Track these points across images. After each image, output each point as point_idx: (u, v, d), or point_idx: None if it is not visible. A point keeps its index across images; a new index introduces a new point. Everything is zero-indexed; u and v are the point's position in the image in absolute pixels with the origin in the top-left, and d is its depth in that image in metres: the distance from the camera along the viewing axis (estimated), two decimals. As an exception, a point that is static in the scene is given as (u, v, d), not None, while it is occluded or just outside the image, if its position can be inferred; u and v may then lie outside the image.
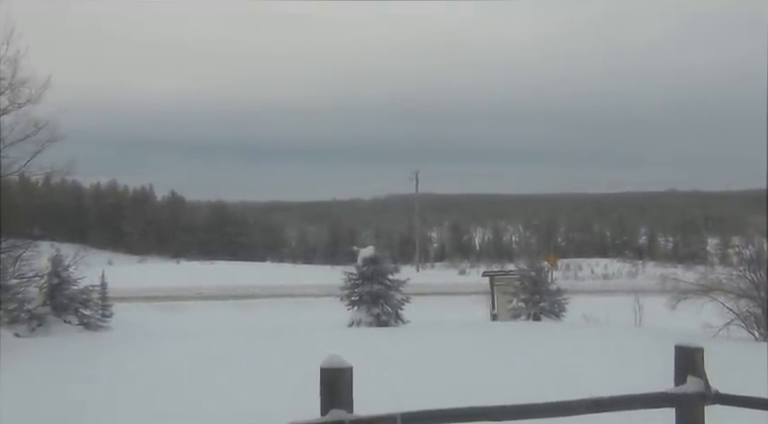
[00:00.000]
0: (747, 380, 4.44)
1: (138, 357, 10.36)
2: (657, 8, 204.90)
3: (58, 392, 7.83)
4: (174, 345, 11.92)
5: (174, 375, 8.92)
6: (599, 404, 3.22)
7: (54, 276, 16.23)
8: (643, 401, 3.30)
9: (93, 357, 10.71)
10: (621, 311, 17.90)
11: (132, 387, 8.13)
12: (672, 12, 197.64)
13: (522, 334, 13.97)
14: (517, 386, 6.07)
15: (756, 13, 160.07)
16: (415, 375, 8.40)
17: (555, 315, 17.38)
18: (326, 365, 2.87)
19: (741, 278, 14.89)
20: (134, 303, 21.87)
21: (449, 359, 9.88)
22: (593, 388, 3.50)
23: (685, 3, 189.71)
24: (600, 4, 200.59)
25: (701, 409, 3.30)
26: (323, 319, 16.97)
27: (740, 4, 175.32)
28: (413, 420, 2.87)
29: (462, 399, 3.19)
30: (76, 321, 16.36)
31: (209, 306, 24.31)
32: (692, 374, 3.31)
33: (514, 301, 17.84)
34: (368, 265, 16.25)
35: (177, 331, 15.19)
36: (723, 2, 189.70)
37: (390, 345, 12.06)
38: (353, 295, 16.32)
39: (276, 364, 9.48)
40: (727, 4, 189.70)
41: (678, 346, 3.41)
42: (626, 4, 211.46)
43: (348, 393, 2.83)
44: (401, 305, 16.41)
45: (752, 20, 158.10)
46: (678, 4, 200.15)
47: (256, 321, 18.77)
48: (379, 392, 4.57)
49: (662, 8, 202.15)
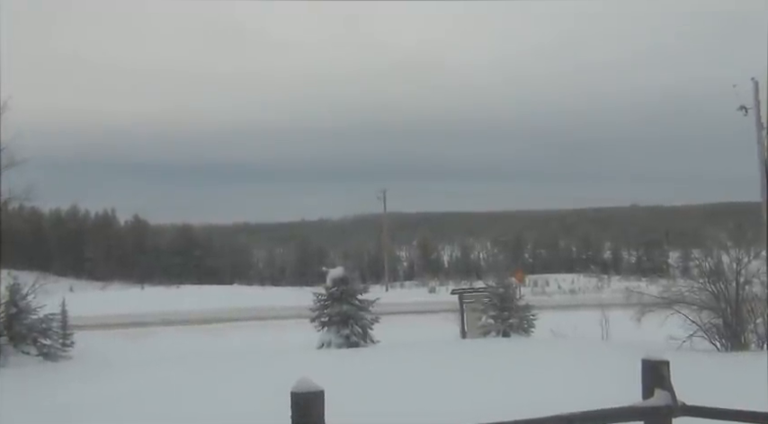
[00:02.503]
0: (712, 391, 4.53)
1: (99, 389, 10.04)
2: (617, 29, 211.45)
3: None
4: (138, 374, 11.60)
5: (138, 404, 8.67)
6: (570, 420, 3.24)
7: (11, 305, 15.68)
8: (614, 415, 3.33)
9: (52, 389, 10.34)
10: (588, 325, 18.12)
11: (93, 419, 7.86)
12: (632, 33, 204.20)
13: (491, 351, 14.01)
14: (488, 404, 6.06)
15: (715, 35, 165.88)
16: (386, 395, 8.34)
17: (524, 331, 17.48)
18: (297, 389, 2.82)
19: (702, 291, 15.25)
20: (97, 330, 21.25)
21: (419, 379, 9.84)
22: (564, 404, 3.52)
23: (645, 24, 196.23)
24: (562, 26, 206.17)
25: (668, 421, 3.35)
26: (292, 341, 16.75)
27: (700, 28, 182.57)
28: None
29: (434, 418, 3.18)
30: (35, 351, 15.79)
31: (175, 332, 23.77)
32: (659, 387, 3.36)
33: (484, 318, 17.89)
34: (337, 285, 16.14)
35: (141, 359, 14.80)
36: (681, 26, 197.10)
37: (360, 366, 11.96)
38: (323, 317, 16.16)
39: (245, 388, 9.30)
40: (686, 29, 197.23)
41: (644, 359, 3.47)
42: (588, 26, 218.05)
43: (320, 416, 2.79)
44: (371, 325, 16.32)
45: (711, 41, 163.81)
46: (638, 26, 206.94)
47: (224, 345, 18.43)
48: (351, 414, 4.51)
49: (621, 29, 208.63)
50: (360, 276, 20.11)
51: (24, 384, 11.10)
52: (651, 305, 15.50)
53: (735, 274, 15.13)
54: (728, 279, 15.09)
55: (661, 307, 15.34)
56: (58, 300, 17.46)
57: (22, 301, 15.83)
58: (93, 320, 22.37)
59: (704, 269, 15.79)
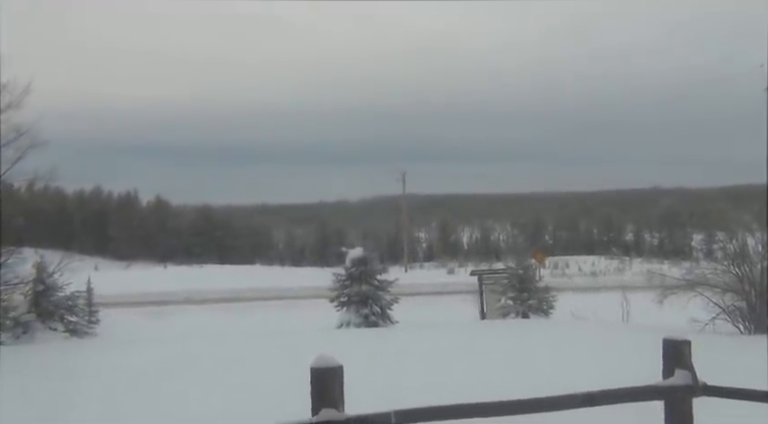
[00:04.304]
0: (734, 372, 4.48)
1: (125, 361, 10.26)
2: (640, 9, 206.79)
3: (46, 396, 7.74)
4: (163, 348, 11.82)
5: (163, 377, 8.85)
6: (591, 398, 3.24)
7: (39, 282, 16.03)
8: (633, 394, 3.33)
9: (80, 363, 10.59)
10: (609, 307, 18.03)
11: (120, 390, 8.06)
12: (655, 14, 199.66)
13: (511, 332, 14.03)
14: (508, 382, 6.08)
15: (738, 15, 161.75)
16: (405, 374, 8.40)
17: (543, 313, 17.46)
18: (316, 364, 2.86)
19: (726, 273, 15.04)
20: (121, 308, 21.67)
21: (438, 358, 9.89)
22: (584, 383, 3.51)
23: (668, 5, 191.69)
24: (582, 6, 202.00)
25: (689, 401, 3.33)
26: (312, 320, 16.92)
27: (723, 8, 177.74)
28: (406, 418, 2.86)
29: (453, 397, 3.19)
30: (62, 327, 16.17)
31: (197, 310, 24.16)
32: (680, 367, 3.33)
33: (503, 299, 17.90)
34: (356, 266, 16.23)
35: (165, 336, 15.08)
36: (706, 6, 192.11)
37: (380, 345, 12.06)
38: (342, 297, 16.28)
39: (266, 365, 9.44)
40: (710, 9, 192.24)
41: (666, 339, 3.44)
42: (609, 6, 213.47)
43: (339, 392, 2.82)
44: (390, 306, 16.40)
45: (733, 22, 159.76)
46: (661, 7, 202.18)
47: (245, 323, 18.69)
48: (370, 391, 4.56)
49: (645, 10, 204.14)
50: (379, 257, 20.16)
51: (53, 357, 11.37)
52: (673, 288, 15.34)
53: (760, 257, 14.91)
54: (753, 262, 14.88)
55: (683, 290, 15.18)
56: (84, 278, 17.81)
57: (49, 279, 16.17)
58: (118, 298, 22.82)
59: (728, 252, 15.57)
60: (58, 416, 6.87)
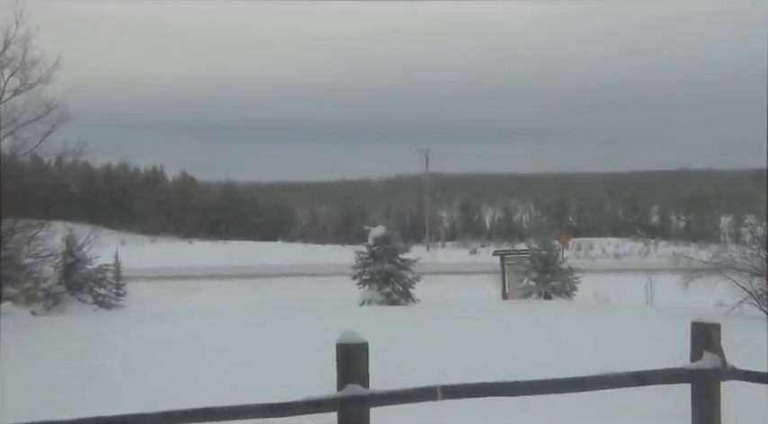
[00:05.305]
0: (762, 357, 4.42)
1: (155, 332, 10.46)
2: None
3: (76, 366, 7.95)
4: (190, 321, 12.02)
5: (191, 348, 9.03)
6: (618, 379, 3.23)
7: (69, 255, 16.40)
8: (661, 377, 3.30)
9: (110, 334, 10.83)
10: (633, 290, 17.85)
11: (151, 360, 8.23)
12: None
13: (533, 312, 13.97)
14: (530, 361, 6.07)
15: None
16: (429, 351, 8.44)
17: (566, 294, 17.35)
18: (342, 340, 2.88)
19: (755, 257, 14.79)
20: (148, 282, 22.07)
21: (461, 337, 9.92)
22: (609, 365, 3.49)
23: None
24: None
25: (717, 384, 3.29)
26: (334, 298, 17.05)
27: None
28: (452, 393, 2.96)
29: (475, 373, 3.20)
30: (91, 299, 16.57)
31: (222, 286, 24.51)
32: (709, 350, 3.29)
33: (525, 280, 17.82)
34: (379, 244, 16.27)
35: (192, 309, 15.33)
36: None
37: (402, 323, 12.11)
38: (364, 275, 16.36)
39: (291, 340, 9.55)
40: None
41: (695, 322, 3.39)
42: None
43: (364, 367, 2.85)
44: (412, 284, 16.45)
45: None
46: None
47: (269, 299, 18.91)
48: (394, 366, 4.59)
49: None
50: (401, 236, 20.16)
51: (82, 329, 11.65)
52: (700, 271, 15.13)
53: (790, 240, 14.62)
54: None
55: (710, 273, 14.97)
56: (111, 252, 18.17)
57: (79, 252, 16.53)
58: (144, 272, 23.22)
59: (757, 235, 15.28)
60: (94, 383, 7.06)
